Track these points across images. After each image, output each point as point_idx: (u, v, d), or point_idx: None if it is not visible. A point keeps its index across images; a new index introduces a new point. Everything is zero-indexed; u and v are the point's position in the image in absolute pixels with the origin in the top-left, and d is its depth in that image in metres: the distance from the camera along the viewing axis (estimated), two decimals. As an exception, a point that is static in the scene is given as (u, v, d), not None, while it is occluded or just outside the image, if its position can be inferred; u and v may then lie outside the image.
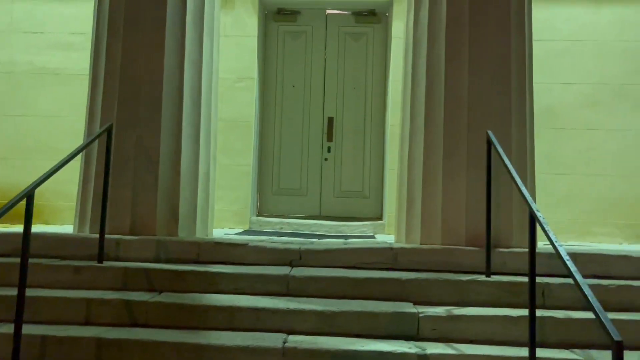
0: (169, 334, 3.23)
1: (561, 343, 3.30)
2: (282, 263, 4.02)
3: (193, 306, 3.42)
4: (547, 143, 6.39)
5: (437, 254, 3.98)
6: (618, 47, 6.51)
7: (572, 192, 6.42)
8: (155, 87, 4.45)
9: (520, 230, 4.19)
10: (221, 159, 6.52)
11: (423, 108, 4.39)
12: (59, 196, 6.63)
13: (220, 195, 6.51)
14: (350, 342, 3.19)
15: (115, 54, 4.50)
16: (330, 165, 6.98)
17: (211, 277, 3.73)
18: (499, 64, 4.28)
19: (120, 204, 4.35)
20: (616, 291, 3.61)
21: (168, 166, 4.45)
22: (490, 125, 4.21)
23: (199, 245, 4.09)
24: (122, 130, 4.42)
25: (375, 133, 6.97)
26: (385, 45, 7.02)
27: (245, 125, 6.71)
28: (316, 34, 7.10)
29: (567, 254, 2.57)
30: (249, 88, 6.73)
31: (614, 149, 6.46)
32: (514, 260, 3.91)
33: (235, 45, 6.73)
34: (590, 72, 6.51)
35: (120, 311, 3.44)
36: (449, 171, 4.23)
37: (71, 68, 6.84)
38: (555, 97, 6.50)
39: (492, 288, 3.64)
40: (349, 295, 3.65)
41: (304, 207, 6.97)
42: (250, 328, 3.36)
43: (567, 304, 3.58)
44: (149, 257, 4.07)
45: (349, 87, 7.02)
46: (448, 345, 3.22)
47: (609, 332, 2.08)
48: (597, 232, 6.38)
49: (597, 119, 6.50)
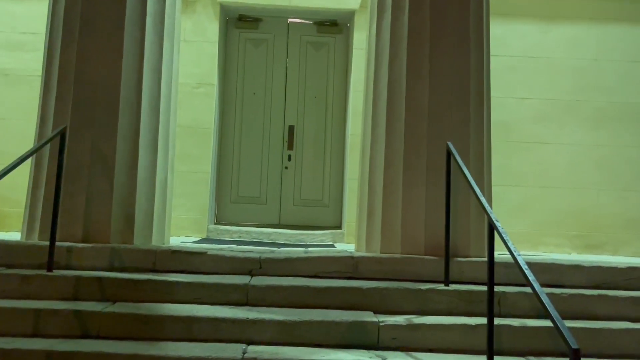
0: (123, 346, 3.11)
1: (517, 351, 3.37)
2: (241, 272, 3.95)
3: (149, 316, 3.31)
4: (501, 155, 6.58)
5: (397, 263, 4.01)
6: (568, 64, 6.80)
7: (525, 204, 6.63)
8: (112, 91, 4.32)
9: (478, 240, 4.28)
10: (179, 165, 6.39)
11: (384, 119, 4.43)
12: (6, 202, 6.33)
13: (177, 203, 6.37)
14: (312, 351, 3.16)
15: (70, 56, 4.34)
16: (291, 173, 6.95)
17: (168, 287, 3.62)
18: (458, 77, 4.38)
19: (72, 211, 4.18)
20: (569, 300, 3.72)
21: (124, 172, 4.32)
22: (450, 136, 4.29)
23: (156, 254, 3.97)
24: (76, 135, 4.27)
25: (335, 142, 7.00)
26: (346, 55, 7.08)
27: (204, 131, 6.60)
28: (278, 42, 7.09)
29: (525, 263, 2.64)
30: (209, 94, 6.64)
31: (564, 162, 6.72)
32: (472, 269, 3.98)
33: (196, 51, 6.63)
34: (542, 88, 6.77)
35: (71, 322, 3.29)
36: (409, 181, 4.28)
37: (21, 69, 6.57)
38: (509, 111, 6.71)
39: (450, 297, 3.69)
40: (310, 304, 3.62)
41: (264, 216, 6.91)
42: (209, 339, 3.28)
43: (523, 312, 3.66)
44: (102, 266, 3.92)
45: (310, 96, 7.03)
46: (408, 354, 3.24)
47: (567, 340, 2.13)
48: (549, 243, 6.60)
49: (548, 133, 6.74)
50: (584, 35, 6.82)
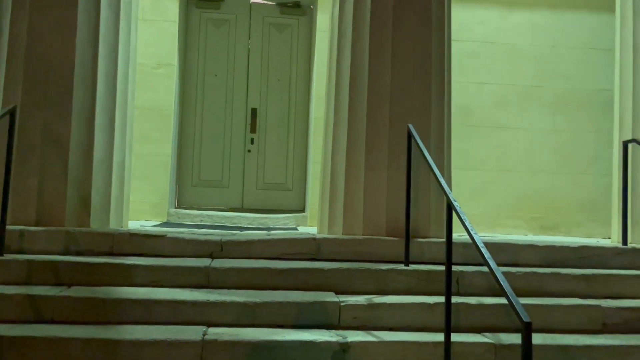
0: (78, 330, 3.04)
1: (474, 327, 3.46)
2: (202, 255, 3.91)
3: (106, 300, 3.24)
4: (461, 139, 6.69)
5: (358, 244, 4.04)
6: (528, 50, 6.93)
7: (483, 187, 6.77)
8: (66, 69, 4.17)
9: (438, 221, 4.35)
10: (138, 148, 6.23)
11: (347, 101, 4.43)
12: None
13: (137, 186, 6.23)
14: (272, 332, 3.16)
15: (20, 32, 4.16)
16: (253, 157, 6.89)
17: (126, 270, 3.55)
18: (420, 60, 4.41)
19: (24, 193, 4.03)
20: (523, 277, 3.84)
21: (79, 154, 4.18)
22: (411, 119, 4.32)
23: (113, 237, 3.88)
24: (28, 115, 4.10)
25: (299, 125, 6.97)
26: (310, 37, 7.03)
27: (164, 113, 6.46)
28: (240, 23, 6.97)
29: (482, 242, 2.69)
30: (169, 75, 6.49)
31: (522, 146, 6.88)
32: (432, 249, 4.05)
33: (155, 30, 6.46)
34: (501, 74, 6.89)
35: (24, 307, 3.19)
36: (371, 164, 4.30)
37: (-31, 46, 6.25)
38: (469, 96, 6.81)
39: (410, 277, 3.74)
40: (272, 286, 3.61)
41: (226, 200, 6.84)
42: (169, 321, 3.24)
43: (479, 291, 3.76)
44: (57, 250, 3.81)
45: (273, 79, 6.96)
46: (368, 332, 3.28)
47: (519, 314, 2.19)
48: (506, 224, 6.78)
49: (507, 118, 6.88)
50: (543, 22, 6.96)
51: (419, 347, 3.15)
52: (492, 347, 3.22)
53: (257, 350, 3.01)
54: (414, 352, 3.14)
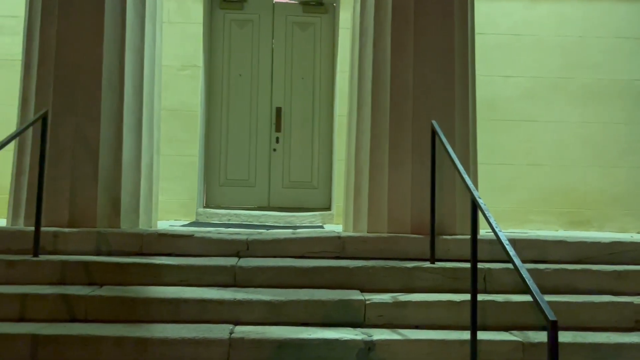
0: (109, 329, 3.12)
1: (501, 325, 3.42)
2: (229, 254, 3.96)
3: (136, 299, 3.32)
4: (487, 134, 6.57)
5: (383, 242, 4.03)
6: (554, 42, 6.78)
7: (512, 182, 6.66)
8: (94, 73, 4.27)
9: (464, 218, 4.30)
10: (165, 149, 6.33)
11: (370, 98, 4.42)
12: (-8, 189, 6.27)
13: (165, 186, 6.33)
14: (298, 330, 3.19)
15: (50, 38, 4.28)
16: (279, 155, 6.93)
17: (155, 269, 3.63)
18: (443, 55, 4.36)
19: (57, 196, 4.15)
20: (553, 274, 3.77)
21: (109, 156, 4.29)
22: (435, 115, 4.28)
23: (142, 237, 3.97)
24: (59, 119, 4.22)
25: (323, 123, 6.98)
26: (333, 35, 7.02)
27: (190, 114, 6.55)
28: (263, 23, 7.01)
29: (506, 239, 2.66)
30: (194, 76, 6.57)
31: (551, 140, 6.74)
32: (458, 247, 4.02)
33: (180, 32, 6.54)
34: (528, 66, 6.76)
35: (58, 306, 3.30)
36: (395, 160, 4.29)
37: (3, 53, 6.46)
38: (495, 89, 6.70)
39: (436, 274, 3.72)
40: (297, 284, 3.64)
41: (252, 198, 6.90)
42: (196, 320, 3.30)
43: (507, 288, 3.71)
44: (89, 250, 3.91)
45: (297, 77, 6.99)
46: (394, 331, 3.28)
47: (545, 312, 2.16)
48: (535, 220, 6.66)
49: (535, 111, 6.75)
50: (570, 12, 6.80)
51: (445, 346, 3.14)
52: (519, 345, 3.18)
53: (283, 348, 3.05)
54: (440, 350, 3.13)
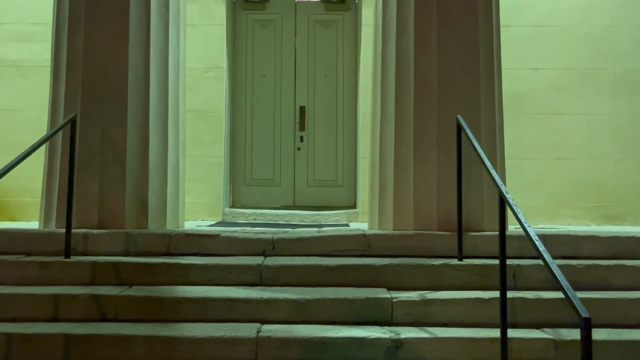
0: (139, 328, 3.17)
1: (532, 323, 3.35)
2: (255, 253, 3.98)
3: (164, 299, 3.36)
4: (515, 128, 6.47)
5: (409, 240, 3.99)
6: (583, 32, 6.62)
7: (541, 176, 6.53)
8: (120, 77, 4.34)
9: (491, 214, 4.23)
10: (191, 150, 6.41)
11: (393, 95, 4.38)
12: (25, 192, 6.45)
13: (191, 187, 6.41)
14: (325, 329, 3.18)
15: (77, 44, 4.36)
16: (303, 154, 6.94)
17: (182, 269, 3.67)
18: (467, 49, 4.30)
19: (87, 198, 4.24)
20: (585, 270, 3.68)
21: (136, 158, 4.35)
22: (460, 110, 4.23)
23: (170, 237, 4.02)
24: (87, 122, 4.30)
25: (347, 121, 6.96)
26: (355, 32, 6.99)
27: (215, 115, 6.61)
28: (286, 22, 7.02)
29: (536, 235, 2.60)
30: (218, 78, 6.63)
31: (581, 133, 6.58)
32: (486, 243, 3.95)
33: (203, 34, 6.61)
34: (556, 58, 6.61)
35: (89, 306, 3.36)
36: (420, 157, 4.24)
37: (33, 60, 6.63)
38: (522, 82, 6.58)
39: (464, 271, 3.67)
40: (323, 282, 3.64)
41: (278, 198, 6.93)
42: (224, 319, 3.32)
43: (538, 284, 3.63)
44: (118, 251, 3.98)
45: (320, 76, 6.98)
46: (421, 329, 3.24)
47: (577, 309, 2.11)
48: (565, 215, 6.51)
49: (563, 103, 6.60)
50: (598, 1, 6.62)
51: (474, 344, 3.09)
52: (552, 343, 3.11)
53: (310, 347, 3.04)
54: (469, 348, 3.08)
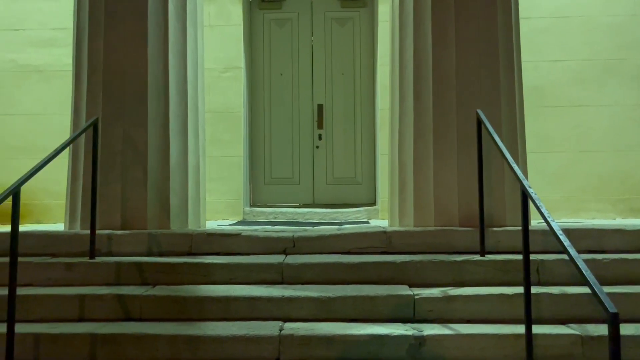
0: (163, 327, 3.20)
1: (557, 319, 3.30)
2: (275, 251, 3.99)
3: (187, 298, 3.40)
4: (536, 121, 6.38)
5: (430, 236, 3.97)
6: (604, 22, 6.49)
7: (564, 170, 6.42)
8: (140, 79, 4.39)
9: (514, 209, 4.18)
10: (211, 150, 6.46)
11: (412, 90, 4.35)
12: (50, 195, 6.56)
13: (212, 187, 6.46)
14: (347, 326, 3.18)
15: (98, 48, 4.42)
16: (322, 152, 6.94)
17: (205, 268, 3.70)
18: (486, 42, 4.25)
19: (110, 199, 4.30)
20: (611, 265, 3.61)
21: (157, 159, 4.40)
22: (480, 104, 4.18)
23: (192, 237, 4.06)
24: (109, 125, 4.36)
25: (365, 118, 6.94)
26: (372, 29, 6.97)
27: (234, 115, 6.65)
28: (302, 21, 7.03)
29: (560, 229, 2.56)
30: (237, 78, 6.66)
31: (604, 124, 6.46)
32: (508, 238, 3.90)
33: (221, 35, 6.65)
34: (577, 49, 6.49)
35: (114, 306, 3.41)
36: (440, 152, 4.21)
37: (55, 64, 6.74)
38: (543, 75, 6.47)
39: (486, 267, 3.63)
40: (344, 280, 3.63)
41: (297, 196, 6.94)
42: (246, 317, 3.34)
43: (562, 279, 3.58)
44: (141, 251, 4.03)
45: (338, 73, 6.97)
46: (444, 325, 3.22)
47: (604, 304, 2.07)
48: (591, 209, 6.40)
49: (586, 95, 6.48)
50: (620, -10, 6.49)
51: (499, 340, 3.05)
52: (578, 338, 3.06)
53: (332, 345, 3.05)
54: (493, 344, 3.05)
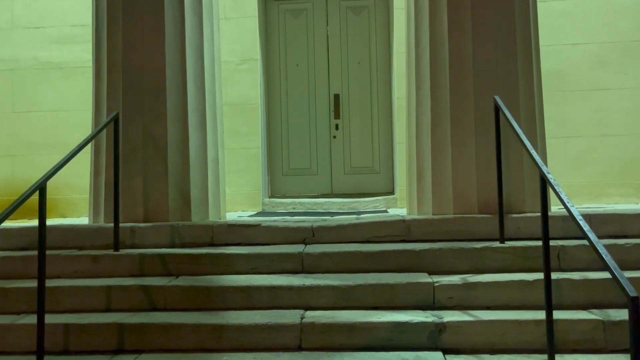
0: (187, 317, 3.28)
1: (578, 304, 3.29)
2: (295, 241, 4.04)
3: (210, 288, 3.46)
4: (555, 106, 6.30)
5: (449, 224, 3.97)
6: (625, 2, 6.35)
7: (584, 155, 6.35)
8: (158, 73, 4.45)
9: (533, 195, 4.16)
10: (229, 143, 6.53)
11: (428, 77, 4.34)
12: (74, 189, 6.71)
13: (231, 179, 6.54)
14: (367, 314, 3.22)
15: (116, 43, 4.49)
16: (339, 142, 6.96)
17: (226, 259, 3.76)
18: (503, 27, 4.21)
19: (132, 193, 4.39)
20: (633, 250, 3.58)
21: (176, 153, 4.47)
22: (497, 90, 4.16)
23: (212, 229, 4.12)
24: (129, 120, 4.44)
25: (382, 107, 6.92)
26: (387, 16, 6.93)
27: (251, 107, 6.69)
28: (317, 10, 7.02)
29: (580, 215, 2.55)
30: (253, 70, 6.70)
31: (626, 108, 6.35)
32: (528, 225, 3.89)
33: (236, 27, 6.68)
34: (597, 31, 6.38)
35: (140, 297, 3.49)
36: (458, 139, 4.20)
37: (75, 61, 6.86)
38: (562, 58, 6.38)
39: (506, 254, 3.63)
40: (364, 269, 3.66)
41: (316, 186, 6.98)
42: (268, 306, 3.40)
43: (584, 265, 3.56)
44: (164, 243, 4.11)
45: (354, 62, 6.96)
46: (465, 312, 3.24)
47: (625, 288, 2.06)
48: (612, 194, 6.32)
49: (606, 78, 6.38)
50: (642, -31, 6.35)
51: (519, 326, 3.06)
52: (600, 323, 3.05)
53: (353, 332, 3.08)
54: (513, 330, 3.05)
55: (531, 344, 3.04)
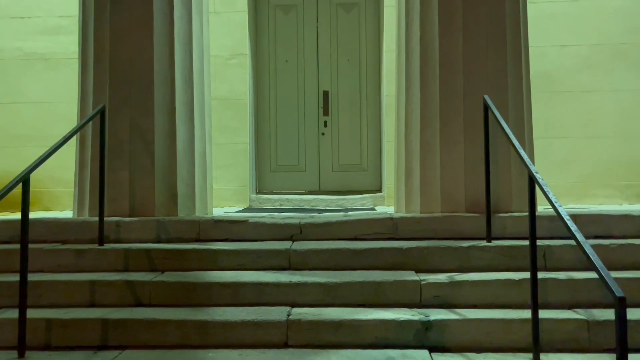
0: (172, 313, 3.24)
1: (563, 303, 3.32)
2: (282, 238, 4.02)
3: (196, 284, 3.43)
4: (543, 107, 6.35)
5: (437, 222, 3.98)
6: (613, 6, 6.41)
7: (571, 156, 6.40)
8: (146, 66, 4.39)
9: (520, 194, 4.18)
10: (217, 138, 6.47)
11: (418, 76, 4.33)
12: (58, 183, 6.61)
13: (218, 174, 6.49)
14: (354, 311, 3.21)
15: (103, 35, 4.42)
16: (328, 139, 6.94)
17: (213, 255, 3.73)
18: (493, 27, 4.22)
19: (118, 186, 4.33)
20: (618, 250, 3.61)
21: (163, 147, 4.42)
22: (487, 90, 4.17)
23: (199, 224, 4.08)
24: (115, 113, 4.38)
25: (371, 105, 6.92)
26: (377, 14, 6.92)
27: (239, 103, 6.65)
28: (307, 7, 6.99)
29: (567, 214, 2.57)
30: (242, 65, 6.65)
31: (612, 110, 6.42)
32: (515, 224, 3.91)
33: (226, 22, 6.63)
34: (586, 33, 6.43)
35: (124, 292, 3.45)
36: (446, 138, 4.20)
37: (61, 52, 6.75)
38: (550, 60, 6.43)
39: (493, 253, 3.64)
40: (351, 266, 3.66)
41: (303, 183, 6.96)
42: (254, 303, 3.37)
43: (569, 265, 3.59)
44: (149, 238, 4.06)
45: (343, 60, 6.94)
46: (451, 310, 3.24)
47: (611, 288, 2.08)
48: (598, 194, 6.38)
49: (594, 80, 6.43)
50: (630, -27, 6.41)
51: (505, 324, 3.07)
52: (584, 323, 3.07)
53: (340, 330, 3.08)
54: (500, 329, 3.07)
55: (517, 342, 3.05)
